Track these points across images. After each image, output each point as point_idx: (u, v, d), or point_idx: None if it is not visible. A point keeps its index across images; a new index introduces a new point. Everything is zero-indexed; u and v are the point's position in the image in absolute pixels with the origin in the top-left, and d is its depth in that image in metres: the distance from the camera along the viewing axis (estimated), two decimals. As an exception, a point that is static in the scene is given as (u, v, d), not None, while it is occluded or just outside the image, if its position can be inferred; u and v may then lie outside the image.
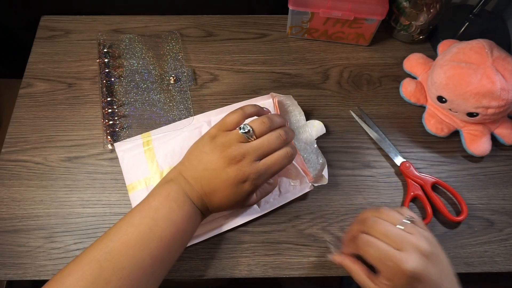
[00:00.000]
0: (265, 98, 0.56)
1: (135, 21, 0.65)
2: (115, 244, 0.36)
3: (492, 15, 0.64)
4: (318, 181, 0.50)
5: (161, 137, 0.53)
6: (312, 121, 0.55)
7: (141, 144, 0.52)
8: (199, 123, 0.54)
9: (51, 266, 0.46)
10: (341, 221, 0.50)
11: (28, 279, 0.46)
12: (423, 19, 0.59)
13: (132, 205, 0.49)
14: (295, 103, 0.55)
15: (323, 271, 0.47)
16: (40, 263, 0.47)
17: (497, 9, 0.66)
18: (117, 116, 0.56)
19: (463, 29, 0.63)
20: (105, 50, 0.60)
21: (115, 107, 0.56)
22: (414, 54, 0.61)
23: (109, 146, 0.53)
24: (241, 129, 0.41)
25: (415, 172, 0.52)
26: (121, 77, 0.59)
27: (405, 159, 0.53)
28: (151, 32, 0.64)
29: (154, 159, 0.51)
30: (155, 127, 0.54)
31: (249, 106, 0.44)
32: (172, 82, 0.59)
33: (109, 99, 0.56)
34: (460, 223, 0.50)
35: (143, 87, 0.58)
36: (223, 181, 0.40)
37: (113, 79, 0.58)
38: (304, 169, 0.50)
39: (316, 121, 0.55)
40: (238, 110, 0.43)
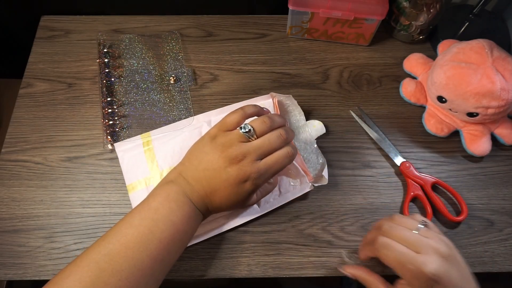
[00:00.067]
0: (265, 98, 0.56)
1: (135, 21, 0.65)
2: (114, 245, 0.36)
3: (492, 15, 0.64)
4: (318, 181, 0.50)
5: (161, 137, 0.53)
6: (312, 121, 0.55)
7: (141, 144, 0.52)
8: (199, 123, 0.54)
9: (51, 266, 0.46)
10: (341, 221, 0.50)
11: (28, 279, 0.46)
12: (423, 19, 0.59)
13: (132, 205, 0.49)
14: (295, 103, 0.55)
15: (323, 271, 0.47)
16: (40, 263, 0.47)
17: (497, 9, 0.66)
18: (117, 116, 0.56)
19: (463, 29, 0.63)
20: (105, 50, 0.60)
21: (115, 107, 0.56)
22: (414, 54, 0.61)
23: (109, 146, 0.53)
24: (241, 129, 0.41)
25: (415, 172, 0.52)
26: (121, 77, 0.59)
27: (405, 159, 0.53)
28: (151, 32, 0.64)
29: (154, 159, 0.51)
30: (155, 127, 0.54)
31: (250, 106, 0.44)
32: (172, 82, 0.59)
33: (109, 99, 0.56)
34: (460, 223, 0.50)
35: (143, 87, 0.58)
36: (224, 181, 0.40)
37: (113, 79, 0.58)
38: (304, 169, 0.50)
39: (316, 121, 0.55)
40: (238, 110, 0.43)
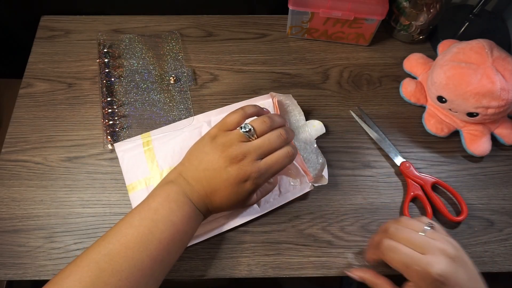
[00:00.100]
0: (264, 98, 0.56)
1: (135, 21, 0.65)
2: (114, 245, 0.36)
3: (492, 15, 0.64)
4: (318, 181, 0.50)
5: (161, 137, 0.53)
6: (311, 121, 0.55)
7: (141, 144, 0.52)
8: (199, 123, 0.54)
9: (51, 266, 0.46)
10: (341, 221, 0.50)
11: (28, 279, 0.46)
12: (423, 19, 0.59)
13: (132, 205, 0.49)
14: (295, 103, 0.55)
15: (323, 271, 0.47)
16: (40, 263, 0.47)
17: (497, 9, 0.66)
18: (117, 116, 0.56)
19: (463, 29, 0.63)
20: (105, 50, 0.60)
21: (115, 107, 0.56)
22: (414, 54, 0.61)
23: (109, 146, 0.53)
24: (242, 128, 0.41)
25: (415, 172, 0.52)
26: (121, 77, 0.59)
27: (405, 159, 0.53)
28: (151, 32, 0.64)
29: (154, 159, 0.51)
30: (155, 127, 0.54)
31: (250, 106, 0.44)
32: (172, 82, 0.59)
33: (109, 99, 0.56)
34: (460, 223, 0.50)
35: (143, 87, 0.58)
36: (224, 181, 0.39)
37: (113, 79, 0.58)
38: (304, 169, 0.50)
39: (315, 121, 0.55)
40: (238, 110, 0.43)
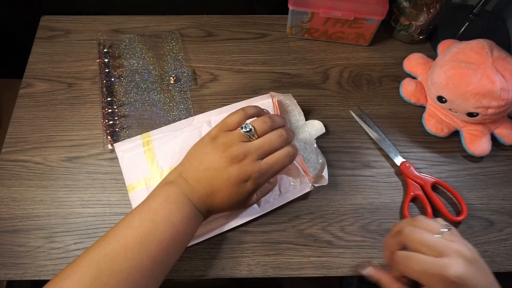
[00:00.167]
0: (264, 97, 0.56)
1: (135, 21, 0.65)
2: (114, 246, 0.36)
3: (492, 15, 0.64)
4: (318, 181, 0.50)
5: (161, 137, 0.53)
6: (311, 121, 0.55)
7: (141, 144, 0.52)
8: (199, 123, 0.54)
9: (51, 266, 0.46)
10: (341, 221, 0.50)
11: (28, 279, 0.46)
12: (423, 19, 0.59)
13: (132, 205, 0.49)
14: (295, 102, 0.55)
15: (323, 271, 0.47)
16: (40, 263, 0.47)
17: (497, 9, 0.66)
18: (117, 116, 0.56)
19: (463, 29, 0.63)
20: (105, 50, 0.60)
21: (115, 107, 0.56)
22: (414, 54, 0.61)
23: (109, 146, 0.53)
24: (243, 128, 0.41)
25: (415, 172, 0.52)
26: (121, 77, 0.59)
27: (405, 159, 0.53)
28: (151, 32, 0.64)
29: (154, 159, 0.51)
30: (155, 127, 0.54)
31: (250, 107, 0.44)
32: (172, 82, 0.59)
33: (109, 99, 0.56)
34: (460, 223, 0.50)
35: (143, 87, 0.58)
36: (225, 181, 0.39)
37: (113, 79, 0.58)
38: (304, 168, 0.50)
39: (315, 121, 0.55)
40: (239, 110, 0.43)
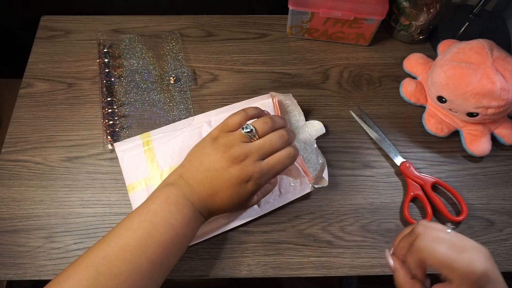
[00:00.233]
0: (264, 97, 0.56)
1: (135, 21, 0.65)
2: (113, 248, 0.35)
3: (492, 15, 0.64)
4: (318, 182, 0.50)
5: (161, 137, 0.53)
6: (311, 121, 0.55)
7: (141, 144, 0.52)
8: (199, 123, 0.54)
9: (51, 266, 0.46)
10: (341, 221, 0.50)
11: (28, 279, 0.46)
12: (423, 19, 0.59)
13: (132, 205, 0.49)
14: (295, 102, 0.55)
15: (323, 271, 0.47)
16: (40, 263, 0.47)
17: (497, 9, 0.66)
18: (117, 116, 0.56)
19: (463, 29, 0.63)
20: (105, 50, 0.60)
21: (115, 107, 0.56)
22: (414, 54, 0.61)
23: (109, 146, 0.53)
24: (244, 129, 0.41)
25: (415, 172, 0.52)
26: (121, 77, 0.59)
27: (405, 159, 0.53)
28: (151, 32, 0.64)
29: (154, 159, 0.51)
30: (155, 127, 0.54)
31: (251, 108, 0.44)
32: (172, 82, 0.59)
33: (109, 99, 0.56)
34: (460, 223, 0.50)
35: (143, 87, 0.58)
36: (226, 181, 0.39)
37: (113, 79, 0.58)
38: (304, 169, 0.50)
39: (315, 121, 0.55)
40: (240, 111, 0.43)
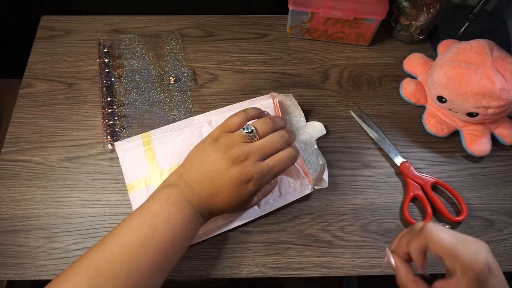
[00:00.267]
0: (265, 98, 0.56)
1: (135, 21, 0.65)
2: (112, 250, 0.35)
3: (492, 15, 0.64)
4: (318, 183, 0.50)
5: (162, 137, 0.53)
6: (312, 122, 0.55)
7: (142, 143, 0.52)
8: (199, 123, 0.54)
9: (51, 266, 0.46)
10: (341, 221, 0.50)
11: (28, 279, 0.46)
12: (423, 19, 0.59)
13: (131, 204, 0.49)
14: (295, 103, 0.55)
15: (323, 271, 0.47)
16: (40, 263, 0.47)
17: (497, 9, 0.66)
18: (117, 116, 0.56)
19: (463, 29, 0.63)
20: (105, 50, 0.60)
21: (115, 107, 0.56)
22: (414, 54, 0.61)
23: (109, 146, 0.53)
24: (244, 129, 0.41)
25: (415, 172, 0.52)
26: (121, 77, 0.59)
27: (405, 159, 0.53)
28: (151, 32, 0.64)
29: (154, 158, 0.51)
30: (155, 127, 0.54)
31: (251, 108, 0.44)
32: (172, 82, 0.59)
33: (109, 99, 0.56)
34: (460, 223, 0.50)
35: (143, 87, 0.58)
36: (227, 182, 0.39)
37: (113, 79, 0.58)
38: (304, 170, 0.50)
39: (316, 123, 0.55)
40: (240, 112, 0.43)
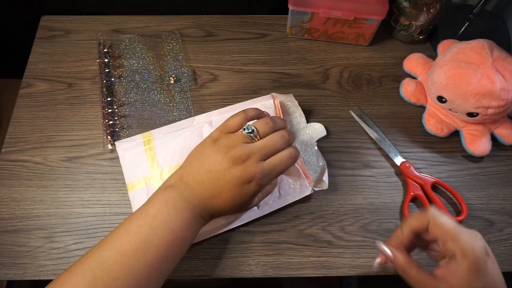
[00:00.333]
0: (266, 98, 0.56)
1: (135, 21, 0.65)
2: (110, 253, 0.35)
3: (492, 15, 0.64)
4: (318, 185, 0.50)
5: (162, 137, 0.53)
6: (313, 123, 0.55)
7: (142, 143, 0.52)
8: (200, 123, 0.54)
9: (51, 266, 0.46)
10: (341, 221, 0.50)
11: (28, 279, 0.46)
12: (423, 19, 0.59)
13: (131, 204, 0.49)
14: (296, 104, 0.55)
15: (323, 271, 0.47)
16: (40, 263, 0.47)
17: (497, 9, 0.66)
18: (117, 116, 0.56)
19: (463, 29, 0.63)
20: (105, 50, 0.60)
21: (115, 107, 0.56)
22: (414, 54, 0.61)
23: (109, 146, 0.53)
24: (245, 130, 0.41)
25: (415, 172, 0.52)
26: (121, 77, 0.59)
27: (405, 159, 0.53)
28: (151, 32, 0.64)
29: (154, 158, 0.51)
30: (155, 127, 0.54)
31: (251, 109, 0.44)
32: (172, 82, 0.59)
33: (109, 99, 0.56)
34: (460, 223, 0.50)
35: (143, 87, 0.58)
36: (228, 182, 0.39)
37: (113, 79, 0.58)
38: (304, 171, 0.50)
39: (317, 124, 0.55)
40: (239, 113, 0.43)
